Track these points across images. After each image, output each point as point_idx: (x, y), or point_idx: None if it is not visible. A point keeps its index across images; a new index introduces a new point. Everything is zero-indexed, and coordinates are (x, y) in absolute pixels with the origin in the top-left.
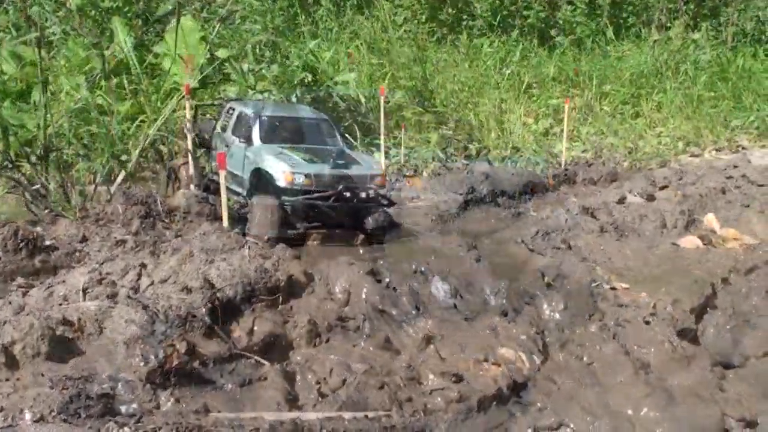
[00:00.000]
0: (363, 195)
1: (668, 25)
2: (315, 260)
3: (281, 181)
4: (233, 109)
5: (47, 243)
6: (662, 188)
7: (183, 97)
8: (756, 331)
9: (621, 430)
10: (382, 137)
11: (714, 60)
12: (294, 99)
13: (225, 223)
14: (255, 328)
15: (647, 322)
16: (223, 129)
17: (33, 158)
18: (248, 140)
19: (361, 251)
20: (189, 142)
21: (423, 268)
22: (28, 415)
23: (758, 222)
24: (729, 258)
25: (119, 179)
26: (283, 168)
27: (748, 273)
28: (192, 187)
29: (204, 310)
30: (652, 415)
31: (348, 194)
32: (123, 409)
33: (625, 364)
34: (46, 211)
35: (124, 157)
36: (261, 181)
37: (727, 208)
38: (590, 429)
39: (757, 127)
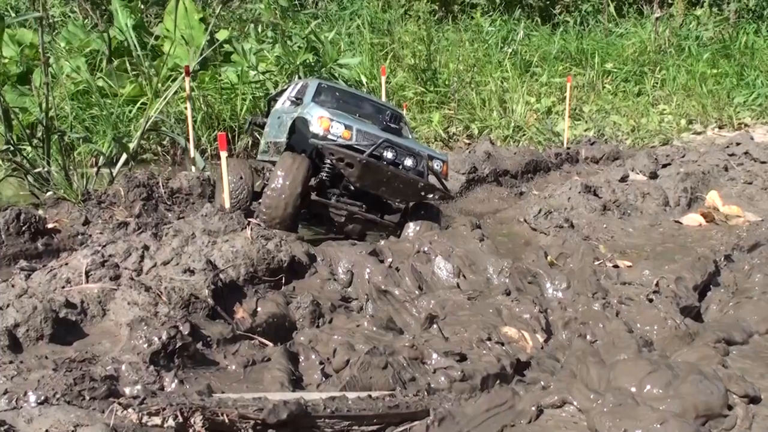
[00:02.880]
0: (409, 162)
1: (670, 1)
2: (317, 241)
3: (316, 127)
4: (300, 81)
5: (49, 226)
6: (665, 166)
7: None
8: (759, 308)
9: (625, 407)
10: None
11: (716, 37)
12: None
13: (227, 204)
14: (258, 309)
15: (650, 300)
16: (284, 101)
17: (35, 141)
18: (299, 100)
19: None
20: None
21: (426, 248)
22: (32, 398)
23: (761, 199)
24: (732, 235)
25: (121, 162)
26: (321, 113)
27: (751, 250)
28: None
29: (207, 291)
30: (656, 392)
31: (390, 155)
32: (127, 390)
33: (628, 342)
34: (48, 194)
35: (125, 140)
36: (296, 134)
37: (730, 185)
38: (594, 406)
39: (760, 104)
